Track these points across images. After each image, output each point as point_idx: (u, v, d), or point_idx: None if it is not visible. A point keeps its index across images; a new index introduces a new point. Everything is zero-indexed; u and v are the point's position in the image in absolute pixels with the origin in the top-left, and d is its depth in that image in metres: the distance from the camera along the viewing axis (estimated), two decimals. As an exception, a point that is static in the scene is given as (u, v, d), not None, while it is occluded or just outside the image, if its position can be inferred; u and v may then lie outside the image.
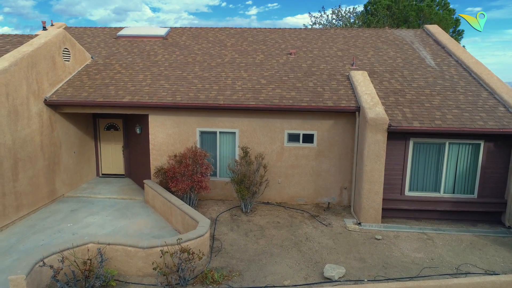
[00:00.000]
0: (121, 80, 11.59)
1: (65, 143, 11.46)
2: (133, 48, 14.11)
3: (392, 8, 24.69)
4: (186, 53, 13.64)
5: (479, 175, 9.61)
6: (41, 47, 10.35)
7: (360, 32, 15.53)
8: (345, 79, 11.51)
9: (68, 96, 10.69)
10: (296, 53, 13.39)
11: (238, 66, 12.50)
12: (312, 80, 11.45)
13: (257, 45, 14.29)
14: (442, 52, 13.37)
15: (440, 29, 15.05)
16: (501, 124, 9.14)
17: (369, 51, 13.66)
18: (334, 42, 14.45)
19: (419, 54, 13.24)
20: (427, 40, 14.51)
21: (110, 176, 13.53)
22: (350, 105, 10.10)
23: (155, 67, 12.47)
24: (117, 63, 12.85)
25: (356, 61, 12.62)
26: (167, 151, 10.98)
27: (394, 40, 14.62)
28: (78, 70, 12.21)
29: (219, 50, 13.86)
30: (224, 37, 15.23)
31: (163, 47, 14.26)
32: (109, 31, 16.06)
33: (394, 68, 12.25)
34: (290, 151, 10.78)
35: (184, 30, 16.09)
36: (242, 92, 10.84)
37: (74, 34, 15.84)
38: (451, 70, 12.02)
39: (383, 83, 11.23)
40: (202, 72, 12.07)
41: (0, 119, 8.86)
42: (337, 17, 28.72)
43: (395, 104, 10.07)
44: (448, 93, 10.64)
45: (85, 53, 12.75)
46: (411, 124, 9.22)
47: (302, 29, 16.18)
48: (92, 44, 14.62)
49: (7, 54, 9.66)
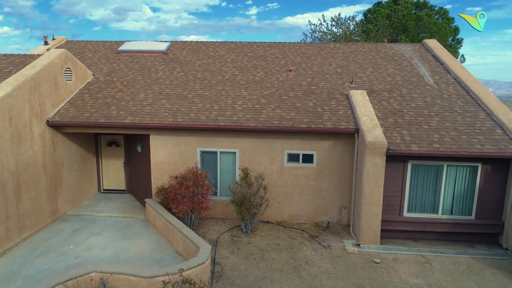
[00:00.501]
0: (122, 99, 11.70)
1: (67, 162, 11.57)
2: (134, 64, 14.23)
3: (391, 17, 24.80)
4: (187, 69, 13.76)
5: (477, 197, 9.73)
6: (44, 69, 10.46)
7: (359, 47, 15.65)
8: (345, 98, 11.62)
9: (70, 117, 10.80)
10: (295, 69, 13.51)
11: (239, 84, 12.61)
12: (311, 100, 11.56)
13: (257, 61, 14.40)
14: (440, 69, 13.48)
15: (438, 44, 15.17)
16: (498, 147, 9.25)
17: (368, 67, 13.77)
18: (334, 58, 14.56)
19: (418, 71, 13.36)
20: (425, 56, 14.63)
21: (112, 191, 13.63)
22: (349, 126, 10.21)
23: (156, 85, 12.58)
24: (118, 80, 12.96)
25: (355, 78, 12.73)
26: (168, 170, 11.09)
27: (393, 55, 14.73)
28: (79, 89, 12.32)
29: (219, 67, 13.97)
30: (224, 52, 15.34)
31: (163, 63, 14.37)
32: (110, 45, 16.17)
33: (393, 86, 12.36)
34: (290, 171, 10.89)
35: (185, 44, 16.21)
36: (243, 112, 10.95)
37: (75, 49, 15.97)
38: (449, 88, 12.14)
39: (382, 103, 11.34)
40: (202, 91, 12.18)
41: (4, 143, 8.97)
42: (337, 24, 28.83)
43: (394, 126, 10.18)
44: (446, 113, 10.76)
45: (86, 70, 12.86)
46: (409, 147, 9.33)
47: (302, 43, 16.31)
48: (93, 59, 14.73)
49: (10, 77, 9.77)
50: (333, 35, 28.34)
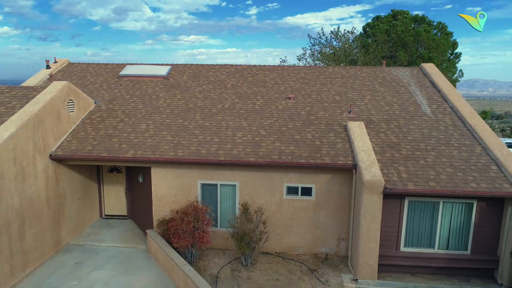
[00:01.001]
0: (124, 131, 11.88)
1: (70, 192, 11.75)
2: (135, 90, 14.41)
3: (390, 32, 24.99)
4: (187, 96, 13.94)
5: (472, 232, 9.92)
6: (47, 105, 10.65)
7: (357, 71, 15.83)
8: (343, 130, 11.81)
9: (72, 150, 10.98)
10: (294, 97, 13.69)
11: (238, 114, 12.79)
12: (310, 131, 11.75)
13: (256, 87, 14.58)
14: (437, 96, 13.67)
15: (436, 69, 15.36)
16: (493, 186, 9.44)
17: (367, 94, 13.96)
18: (332, 84, 14.75)
19: (416, 99, 13.54)
20: (423, 82, 14.82)
21: (113, 217, 13.81)
22: (347, 162, 10.40)
23: (157, 114, 12.76)
24: (119, 108, 13.14)
25: (353, 108, 12.91)
26: (169, 202, 11.28)
27: (391, 80, 14.92)
28: (82, 118, 12.50)
29: (219, 93, 14.16)
30: (224, 76, 15.52)
31: (164, 88, 14.55)
32: (111, 68, 16.35)
33: (390, 116, 12.55)
34: (289, 203, 11.08)
35: (185, 67, 16.38)
36: (242, 145, 11.13)
37: (76, 72, 16.15)
38: (446, 119, 12.33)
39: (379, 135, 11.52)
40: (203, 121, 12.37)
41: (8, 184, 9.15)
42: (336, 37, 29.00)
43: (391, 161, 10.37)
44: (442, 147, 10.94)
45: (88, 99, 13.04)
46: (406, 186, 9.52)
47: (301, 67, 16.49)
48: (95, 85, 14.91)
49: (14, 116, 9.94)
50: (332, 48, 28.52)
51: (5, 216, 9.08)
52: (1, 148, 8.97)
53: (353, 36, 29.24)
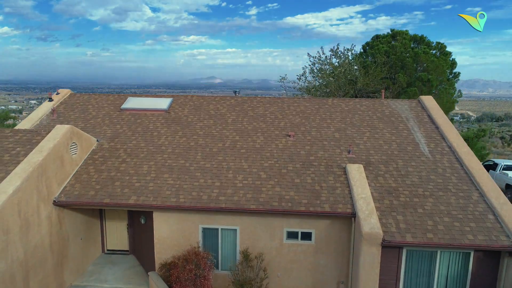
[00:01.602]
0: (126, 173, 12.05)
1: (72, 233, 11.91)
2: (137, 126, 14.57)
3: (389, 53, 25.16)
4: (189, 133, 14.10)
5: (469, 281, 10.08)
6: (50, 152, 10.82)
7: (357, 104, 16.00)
8: (342, 172, 11.97)
9: (76, 196, 11.15)
10: (294, 135, 13.85)
11: (239, 153, 12.96)
12: (310, 174, 11.92)
13: (256, 123, 14.75)
14: (435, 134, 13.84)
15: (434, 103, 15.54)
16: (490, 238, 9.61)
17: (366, 131, 14.12)
18: (332, 119, 14.91)
19: (414, 137, 13.72)
20: (421, 116, 14.99)
21: (115, 252, 13.97)
22: (346, 210, 10.57)
23: (158, 154, 12.93)
24: (121, 147, 13.31)
25: (352, 147, 13.07)
26: (171, 245, 11.44)
27: (390, 115, 15.09)
28: (84, 159, 12.66)
29: (220, 130, 14.32)
30: (225, 110, 15.69)
31: (166, 124, 14.72)
32: (113, 100, 16.51)
33: (389, 156, 12.72)
34: (289, 247, 11.25)
35: (186, 99, 16.54)
36: (243, 190, 11.30)
37: (78, 103, 16.32)
38: (444, 160, 12.50)
39: (378, 179, 11.70)
40: (204, 162, 12.53)
41: (13, 237, 9.32)
42: (336, 55, 29.15)
43: (389, 209, 10.54)
44: (440, 193, 11.11)
45: (90, 139, 13.20)
46: (404, 237, 9.69)
47: (301, 99, 16.66)
48: (97, 119, 15.07)
49: (18, 167, 10.10)
50: (331, 66, 28.66)
51: (10, 270, 9.24)
52: (7, 204, 9.14)
53: (353, 53, 29.44)
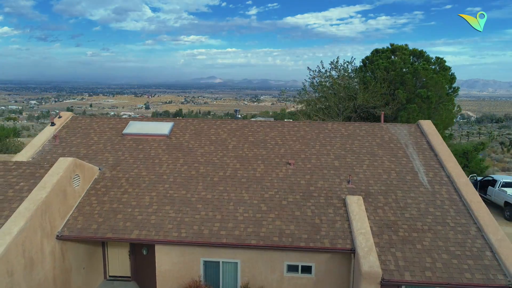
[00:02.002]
0: (128, 204, 12.19)
1: (75, 264, 12.05)
2: (139, 153, 14.71)
3: (389, 69, 25.29)
4: (190, 161, 14.24)
5: (467, 317, 10.22)
6: (54, 188, 10.95)
7: (356, 129, 16.13)
8: (342, 204, 12.12)
9: (78, 230, 11.29)
10: (294, 163, 13.99)
11: (240, 183, 13.10)
12: (310, 206, 12.07)
13: (257, 149, 14.89)
14: (434, 162, 13.98)
15: (433, 128, 15.68)
16: (487, 277, 9.75)
17: (365, 159, 14.26)
18: (332, 145, 15.05)
19: (413, 165, 13.86)
20: (420, 142, 15.13)
21: (117, 278, 14.09)
22: (346, 246, 10.72)
23: (160, 184, 13.07)
24: (123, 176, 13.45)
25: (352, 177, 13.21)
26: (173, 278, 11.58)
27: (389, 141, 15.22)
28: (87, 189, 12.80)
29: (221, 157, 14.46)
30: (226, 135, 15.82)
31: (167, 150, 14.86)
32: (114, 124, 16.64)
33: (388, 187, 12.86)
34: (289, 280, 11.39)
35: (187, 123, 16.67)
36: (244, 224, 11.45)
37: (81, 127, 16.46)
38: (443, 191, 12.64)
39: (377, 211, 11.84)
40: (205, 192, 12.68)
41: (18, 278, 9.45)
42: (335, 68, 29.28)
43: (388, 245, 10.68)
44: (438, 227, 11.26)
45: (93, 169, 13.34)
46: (403, 276, 9.82)
47: (301, 123, 16.78)
48: (99, 145, 15.21)
49: (22, 206, 10.23)
50: (331, 78, 28.78)
51: (14, 310, 9.38)
52: (11, 246, 9.28)
53: (352, 66, 29.57)
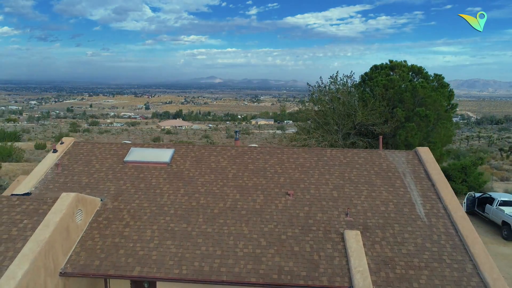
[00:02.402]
0: (130, 239, 12.40)
1: (78, 297, 12.25)
2: (140, 182, 14.91)
3: (387, 87, 25.49)
4: (190, 191, 14.45)
5: None
6: (57, 226, 11.16)
7: (355, 156, 16.34)
8: (340, 239, 12.32)
9: (81, 267, 11.50)
10: (294, 194, 14.20)
11: (240, 215, 13.31)
12: (308, 241, 12.28)
13: (257, 178, 15.10)
14: (431, 193, 14.19)
15: (430, 156, 15.89)
16: (482, 319, 9.96)
17: (363, 189, 14.47)
18: (330, 174, 15.25)
19: (411, 196, 14.06)
20: (418, 171, 15.33)
21: (119, 307, 14.30)
22: (343, 284, 10.93)
23: (161, 216, 13.28)
24: (125, 208, 13.66)
25: (350, 210, 13.41)
26: (174, 313, 11.80)
27: (387, 170, 15.43)
28: (89, 222, 13.00)
29: (221, 187, 14.67)
30: (226, 162, 16.02)
31: (168, 179, 15.07)
32: (116, 150, 16.84)
33: (386, 220, 13.06)
34: (288, 315, 11.59)
35: (188, 150, 16.87)
36: (244, 260, 11.66)
37: (82, 153, 16.67)
38: (439, 225, 12.84)
39: (374, 247, 12.05)
40: (205, 226, 12.89)
41: (22, 321, 9.65)
42: (335, 83, 29.49)
43: (386, 283, 10.90)
44: (435, 264, 11.47)
45: (95, 201, 13.54)
46: (399, 317, 10.04)
47: (300, 150, 16.98)
48: (100, 173, 15.42)
49: (26, 248, 10.43)
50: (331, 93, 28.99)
51: None
52: (16, 290, 9.48)
53: (352, 80, 29.81)
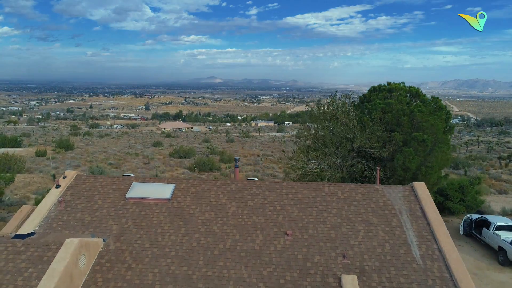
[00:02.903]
0: (132, 283, 12.70)
1: None
2: (141, 220, 15.22)
3: (385, 110, 25.78)
4: (191, 230, 14.75)
5: None
6: (62, 276, 11.44)
7: (353, 192, 16.63)
8: (337, 284, 12.61)
9: (85, 314, 11.80)
10: (292, 234, 14.50)
11: (239, 257, 13.61)
12: (306, 286, 12.57)
13: (256, 216, 15.40)
14: (427, 233, 14.49)
15: (427, 193, 16.21)
16: None
17: (360, 228, 14.77)
18: (328, 212, 15.55)
19: (407, 237, 14.37)
20: (414, 208, 15.64)
21: None
22: (340, 333, 11.24)
23: (162, 258, 13.58)
24: (127, 249, 13.96)
25: (347, 252, 13.71)
26: None
27: (384, 207, 15.73)
28: (92, 265, 13.30)
29: (221, 226, 14.97)
30: (225, 199, 16.32)
31: (169, 217, 15.37)
32: (117, 185, 17.13)
33: (382, 263, 13.36)
34: None
35: (188, 184, 17.16)
36: (243, 307, 11.97)
37: (85, 188, 16.97)
38: (434, 268, 13.14)
39: (371, 292, 12.35)
40: (206, 269, 13.19)
41: None
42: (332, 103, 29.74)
43: (381, 333, 11.20)
44: (429, 312, 11.78)
45: (98, 243, 13.83)
46: None
47: (299, 184, 17.27)
48: (102, 210, 15.73)
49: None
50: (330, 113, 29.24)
51: None
52: None
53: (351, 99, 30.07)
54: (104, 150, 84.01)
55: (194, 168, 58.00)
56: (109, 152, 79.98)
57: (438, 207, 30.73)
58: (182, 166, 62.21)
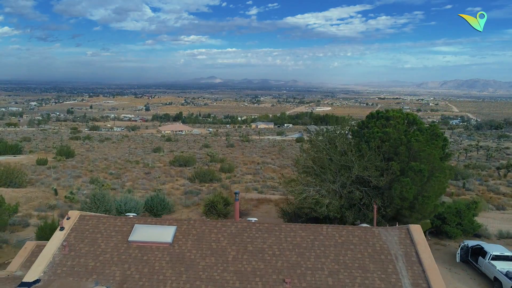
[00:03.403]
0: (135, 336, 13.10)
1: None
2: (144, 266, 15.60)
3: (383, 139, 26.14)
4: (192, 277, 15.13)
5: None
6: (67, 335, 11.85)
7: (350, 235, 17.00)
8: (334, 337, 13.03)
9: None
10: (290, 282, 14.89)
11: (239, 307, 14.01)
12: None
13: (255, 262, 15.78)
14: (422, 281, 14.87)
15: (422, 237, 16.57)
16: None
17: (357, 275, 15.15)
18: (326, 257, 15.93)
19: (402, 285, 14.75)
20: (410, 253, 16.01)
21: None
22: None
23: (164, 308, 13.98)
24: (130, 298, 14.35)
25: (344, 302, 14.12)
26: None
27: (380, 252, 16.10)
28: (96, 316, 13.71)
29: (221, 272, 15.35)
30: (226, 242, 16.69)
31: (170, 263, 15.75)
32: (120, 226, 17.50)
33: (378, 314, 13.76)
34: None
35: (189, 226, 17.52)
36: None
37: (88, 230, 17.35)
38: (428, 320, 13.54)
39: None
40: (206, 320, 13.59)
41: None
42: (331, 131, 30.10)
43: None
44: None
45: (101, 292, 14.25)
46: None
47: (298, 226, 17.65)
48: (105, 255, 16.10)
49: None
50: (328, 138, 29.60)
51: None
52: None
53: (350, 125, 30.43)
54: (105, 157, 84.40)
55: (194, 179, 58.45)
56: (109, 160, 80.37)
57: (435, 231, 31.16)
58: (182, 176, 62.60)
